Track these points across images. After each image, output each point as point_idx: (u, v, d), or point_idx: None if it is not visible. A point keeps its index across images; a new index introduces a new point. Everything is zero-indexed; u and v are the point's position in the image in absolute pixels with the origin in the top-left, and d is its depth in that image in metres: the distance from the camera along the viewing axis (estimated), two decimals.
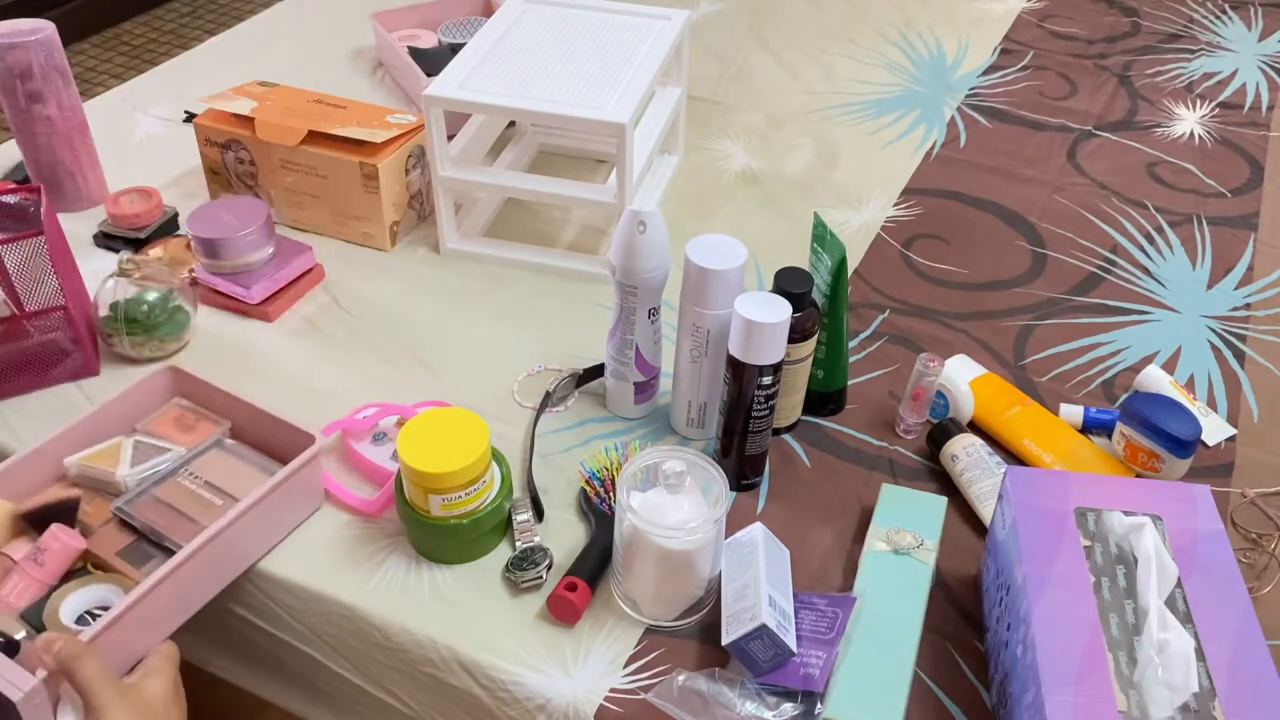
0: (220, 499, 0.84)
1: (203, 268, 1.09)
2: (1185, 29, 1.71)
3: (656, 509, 0.78)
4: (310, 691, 0.91)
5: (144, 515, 0.82)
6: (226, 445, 0.90)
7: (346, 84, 1.48)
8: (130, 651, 0.77)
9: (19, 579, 0.78)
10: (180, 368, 0.94)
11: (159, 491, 0.84)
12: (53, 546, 0.79)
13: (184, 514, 0.83)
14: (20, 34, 1.13)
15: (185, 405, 0.93)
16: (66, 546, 0.79)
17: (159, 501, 0.84)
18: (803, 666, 0.75)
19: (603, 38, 1.18)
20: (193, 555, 0.78)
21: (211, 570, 0.81)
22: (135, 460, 0.86)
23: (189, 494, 0.84)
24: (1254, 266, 1.22)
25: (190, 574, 0.79)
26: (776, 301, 0.83)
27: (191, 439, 0.90)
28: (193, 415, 0.92)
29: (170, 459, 0.87)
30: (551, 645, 0.80)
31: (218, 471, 0.87)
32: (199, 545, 0.78)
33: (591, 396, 1.02)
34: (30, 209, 1.05)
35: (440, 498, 0.82)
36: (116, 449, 0.87)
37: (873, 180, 1.34)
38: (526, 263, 1.18)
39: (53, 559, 0.79)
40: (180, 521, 0.82)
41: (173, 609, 0.79)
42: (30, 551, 0.80)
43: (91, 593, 0.79)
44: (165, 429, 0.91)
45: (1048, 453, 0.94)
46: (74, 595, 0.79)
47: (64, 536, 0.80)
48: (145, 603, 0.75)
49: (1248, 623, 0.69)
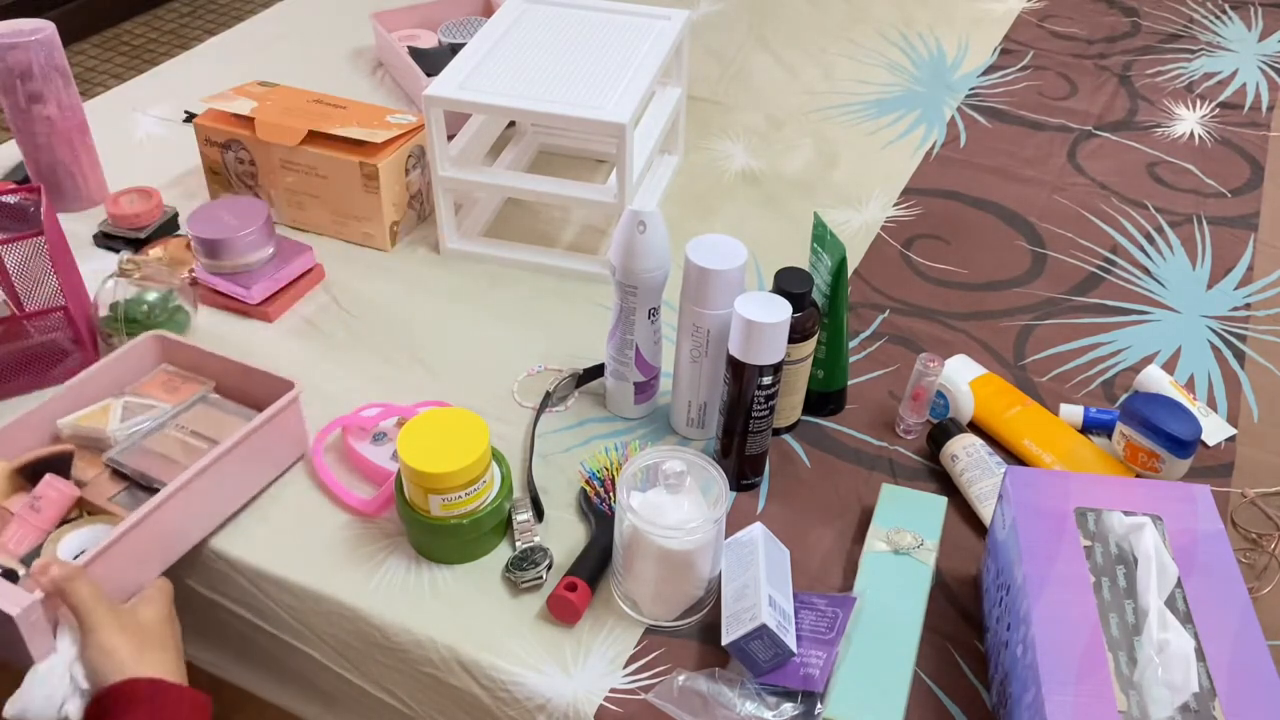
0: (206, 445, 0.87)
1: (203, 268, 1.09)
2: (1185, 29, 1.71)
3: (656, 509, 0.78)
4: (310, 691, 0.91)
5: (134, 462, 0.86)
6: (211, 400, 0.93)
7: (346, 84, 1.48)
8: (122, 585, 0.79)
9: (17, 527, 0.81)
10: (165, 334, 0.97)
11: (148, 443, 0.88)
12: (49, 495, 0.82)
13: (172, 459, 0.86)
14: (20, 34, 1.13)
15: (171, 370, 0.96)
16: (62, 494, 0.83)
17: (148, 451, 0.87)
18: (803, 666, 0.75)
19: (603, 38, 1.18)
20: (179, 490, 0.81)
21: (199, 508, 0.85)
22: (124, 417, 0.89)
23: (177, 443, 0.88)
24: (1254, 266, 1.22)
25: (178, 509, 0.82)
26: (776, 301, 0.83)
27: (177, 399, 0.93)
28: (179, 379, 0.95)
29: (158, 414, 0.90)
30: (551, 645, 0.80)
31: (204, 423, 0.90)
32: (185, 480, 0.81)
33: (591, 396, 1.02)
34: (30, 209, 1.05)
35: (440, 498, 0.82)
36: (106, 410, 0.90)
37: (873, 180, 1.34)
38: (526, 263, 1.18)
39: (49, 506, 0.82)
40: (169, 466, 0.86)
41: (162, 544, 0.82)
42: (27, 500, 0.83)
43: (87, 534, 0.82)
44: (153, 390, 0.94)
45: (1048, 453, 0.94)
46: (70, 536, 0.82)
47: (59, 485, 0.83)
48: (135, 535, 0.78)
49: (1248, 623, 0.69)
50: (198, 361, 0.96)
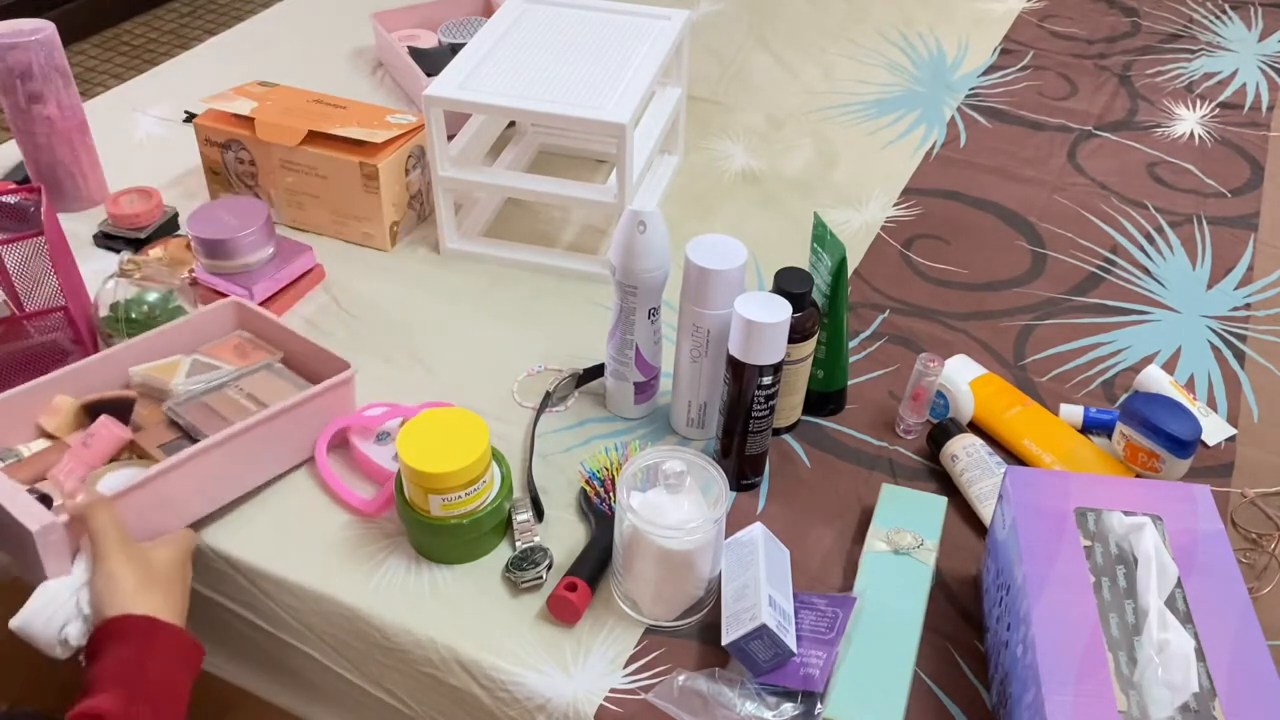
0: (257, 408, 0.92)
1: (203, 268, 1.09)
2: (1185, 29, 1.71)
3: (656, 509, 0.78)
4: (310, 691, 0.91)
5: (189, 415, 0.91)
6: (275, 368, 0.98)
7: (346, 84, 1.48)
8: (150, 525, 0.82)
9: (69, 460, 0.87)
10: (243, 302, 1.02)
11: (207, 399, 0.93)
12: (101, 433, 0.88)
13: (224, 417, 0.91)
14: (20, 34, 1.13)
15: (245, 336, 1.01)
16: (113, 434, 0.88)
17: (206, 406, 0.92)
18: (803, 666, 0.75)
19: (603, 38, 1.18)
20: (218, 444, 0.85)
21: (236, 465, 0.88)
22: (190, 374, 0.95)
23: (232, 403, 0.93)
24: (1254, 266, 1.22)
25: (214, 462, 0.86)
26: (776, 301, 0.83)
27: (245, 363, 0.98)
28: (250, 345, 1.00)
29: (220, 375, 0.96)
30: (551, 645, 0.80)
31: (263, 388, 0.95)
32: (225, 436, 0.86)
33: (591, 396, 1.02)
34: (30, 209, 1.05)
35: (440, 497, 0.82)
36: (175, 364, 0.96)
37: (873, 180, 1.34)
38: (526, 263, 1.18)
39: (100, 444, 0.87)
40: (220, 423, 0.90)
41: (195, 492, 0.87)
42: (81, 436, 0.88)
43: (127, 473, 0.85)
44: (223, 353, 0.99)
45: (1048, 453, 0.94)
46: (111, 474, 0.86)
47: (112, 425, 0.88)
48: (169, 478, 0.83)
49: (1248, 623, 0.69)
50: (270, 331, 1.00)
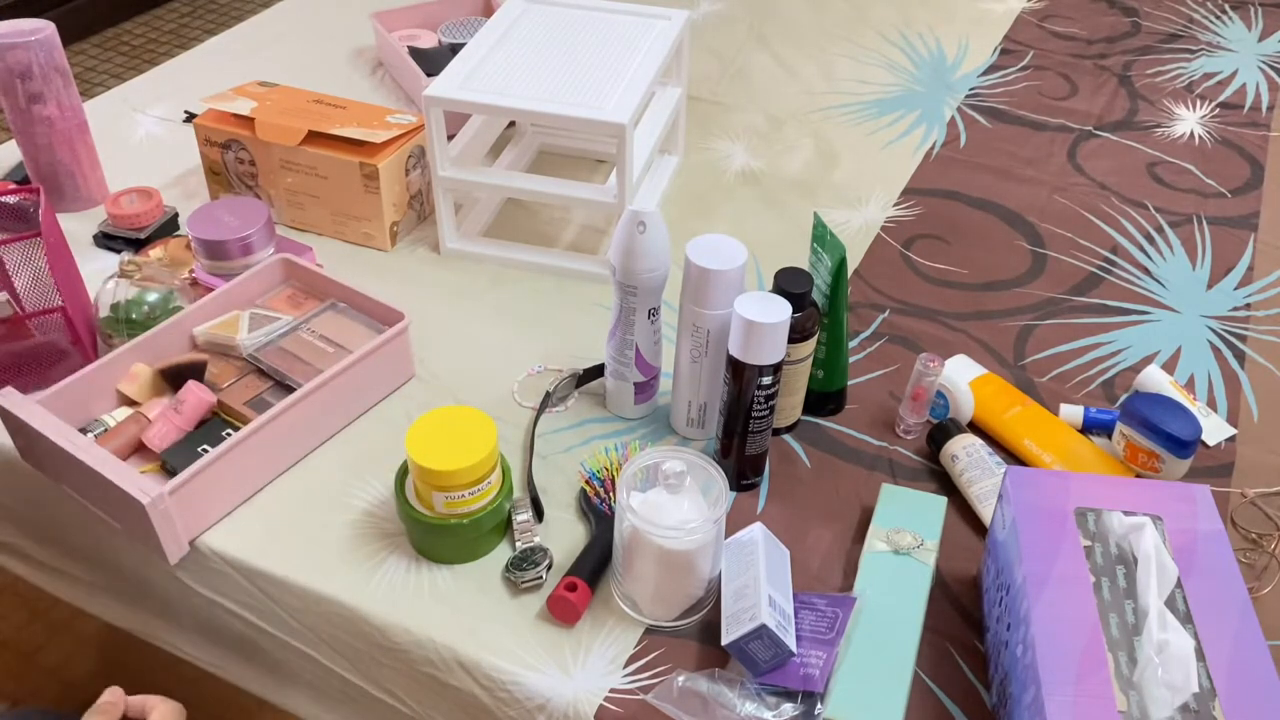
0: (332, 349, 0.99)
1: (203, 268, 1.09)
2: (1185, 29, 1.71)
3: (656, 509, 0.78)
4: (310, 691, 0.91)
5: (270, 359, 0.98)
6: (340, 308, 1.04)
7: (346, 84, 1.48)
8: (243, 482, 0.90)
9: (161, 424, 0.93)
10: (289, 257, 1.07)
11: (284, 343, 1.00)
12: (189, 399, 0.94)
13: (302, 360, 0.98)
14: (20, 34, 1.13)
15: (296, 286, 1.07)
16: (201, 400, 0.94)
17: (284, 350, 0.99)
18: (803, 666, 0.75)
19: (603, 38, 1.18)
20: (310, 394, 0.92)
21: (324, 412, 0.95)
22: (251, 327, 1.00)
23: (308, 345, 1.00)
24: (1254, 266, 1.22)
25: (304, 413, 0.92)
26: (776, 301, 0.83)
27: (301, 312, 1.04)
28: (302, 294, 1.06)
29: (281, 325, 1.02)
30: (551, 645, 0.80)
31: (333, 328, 1.02)
32: (317, 384, 0.92)
33: (591, 396, 1.02)
34: (30, 209, 1.05)
35: (445, 495, 0.82)
36: (236, 320, 1.01)
37: (873, 180, 1.34)
38: (526, 263, 1.18)
39: (190, 409, 0.93)
40: (299, 365, 0.97)
41: (290, 440, 0.93)
42: (171, 403, 0.94)
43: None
44: (278, 305, 1.05)
45: (1048, 453, 0.94)
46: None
47: (199, 391, 0.94)
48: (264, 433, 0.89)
49: (1248, 623, 0.69)
50: (319, 284, 1.05)
